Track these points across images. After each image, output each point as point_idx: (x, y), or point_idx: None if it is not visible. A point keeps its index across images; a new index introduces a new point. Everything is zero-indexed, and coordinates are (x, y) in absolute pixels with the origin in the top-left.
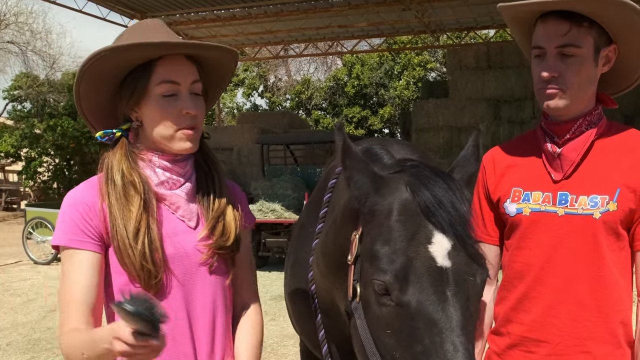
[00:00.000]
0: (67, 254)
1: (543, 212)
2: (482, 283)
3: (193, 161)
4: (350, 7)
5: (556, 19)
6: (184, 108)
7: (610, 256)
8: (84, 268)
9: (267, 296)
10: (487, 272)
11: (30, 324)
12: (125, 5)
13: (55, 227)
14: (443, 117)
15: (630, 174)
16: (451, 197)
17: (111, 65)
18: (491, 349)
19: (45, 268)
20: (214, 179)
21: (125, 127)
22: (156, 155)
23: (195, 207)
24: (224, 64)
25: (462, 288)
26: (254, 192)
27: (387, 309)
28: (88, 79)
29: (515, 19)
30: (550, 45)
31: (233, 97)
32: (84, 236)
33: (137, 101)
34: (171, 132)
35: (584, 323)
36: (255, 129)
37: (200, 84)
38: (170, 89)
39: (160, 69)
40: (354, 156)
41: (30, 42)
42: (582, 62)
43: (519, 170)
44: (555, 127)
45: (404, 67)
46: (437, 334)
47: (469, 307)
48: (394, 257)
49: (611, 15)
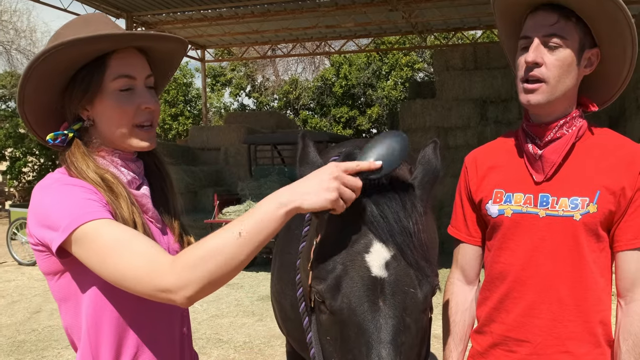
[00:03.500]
0: (94, 227)
1: (524, 214)
2: (426, 295)
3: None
4: (338, 8)
5: (545, 11)
6: (143, 103)
7: (591, 257)
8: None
9: (254, 297)
10: (432, 284)
11: (14, 326)
12: (110, 5)
13: (52, 214)
14: (430, 117)
15: (610, 176)
16: (396, 208)
17: (63, 62)
18: (474, 348)
19: (29, 269)
20: (165, 181)
21: (76, 127)
22: (116, 155)
23: (154, 208)
24: (173, 55)
25: (398, 299)
26: (241, 192)
27: (324, 315)
28: (36, 79)
29: (506, 13)
30: (537, 34)
31: (220, 97)
32: (102, 208)
33: (90, 99)
34: (128, 128)
35: (564, 323)
36: (243, 129)
37: (152, 77)
38: (127, 83)
39: (114, 64)
40: (310, 164)
41: (15, 41)
42: (566, 55)
43: (501, 171)
44: (537, 129)
45: (391, 67)
46: (364, 344)
47: (405, 319)
48: (330, 264)
49: (598, 10)
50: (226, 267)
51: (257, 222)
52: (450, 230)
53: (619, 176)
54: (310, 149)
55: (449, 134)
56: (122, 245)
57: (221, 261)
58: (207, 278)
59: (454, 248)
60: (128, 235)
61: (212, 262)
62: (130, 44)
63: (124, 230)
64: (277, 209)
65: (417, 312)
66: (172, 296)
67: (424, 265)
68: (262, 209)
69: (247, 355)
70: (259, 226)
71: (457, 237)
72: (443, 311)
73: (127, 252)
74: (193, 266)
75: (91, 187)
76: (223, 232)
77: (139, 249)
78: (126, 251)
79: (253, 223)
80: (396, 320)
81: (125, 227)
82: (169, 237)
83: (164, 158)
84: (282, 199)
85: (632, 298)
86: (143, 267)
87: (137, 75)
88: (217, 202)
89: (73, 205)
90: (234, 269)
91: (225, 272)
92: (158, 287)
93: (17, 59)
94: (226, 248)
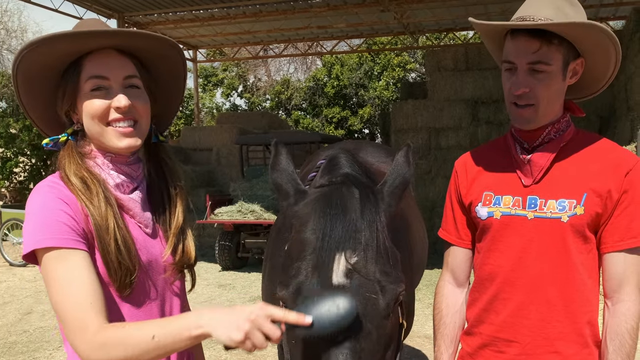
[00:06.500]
0: (57, 255)
1: (513, 216)
2: (388, 302)
3: (144, 166)
4: (329, 8)
5: (526, 37)
6: (113, 102)
7: (579, 258)
8: (86, 267)
9: (246, 297)
10: (395, 291)
11: (5, 327)
12: (102, 5)
13: (30, 229)
14: (422, 118)
15: (597, 179)
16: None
17: (38, 64)
18: (464, 349)
19: (20, 270)
20: (168, 186)
21: (69, 131)
22: (108, 158)
23: (149, 215)
24: (167, 58)
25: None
26: (233, 193)
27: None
28: (23, 84)
29: (486, 32)
30: (521, 62)
31: (212, 97)
32: (76, 235)
33: (70, 101)
34: (101, 127)
35: (552, 323)
36: (235, 129)
37: (138, 79)
38: (98, 83)
39: (88, 65)
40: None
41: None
42: (552, 78)
43: (490, 174)
44: (525, 134)
45: (383, 67)
46: (323, 349)
47: (366, 325)
48: (293, 271)
49: (580, 35)
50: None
51: (172, 333)
52: (440, 233)
53: (606, 179)
54: (282, 156)
55: (440, 134)
56: (66, 287)
57: (129, 353)
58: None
59: (445, 250)
60: (77, 279)
61: (121, 349)
62: (97, 43)
63: (78, 272)
64: (193, 329)
65: (378, 318)
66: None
67: (388, 272)
68: (181, 323)
69: (239, 355)
70: (172, 338)
71: (447, 240)
72: (434, 313)
73: (66, 296)
74: (105, 345)
75: (70, 202)
76: (144, 328)
77: (78, 299)
78: (66, 295)
79: (168, 332)
80: (356, 326)
81: (81, 269)
82: (160, 243)
83: (172, 160)
84: (200, 321)
85: (618, 299)
86: (72, 318)
87: (110, 75)
88: (209, 203)
89: (42, 225)
90: None
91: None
92: (73, 343)
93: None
94: (138, 344)
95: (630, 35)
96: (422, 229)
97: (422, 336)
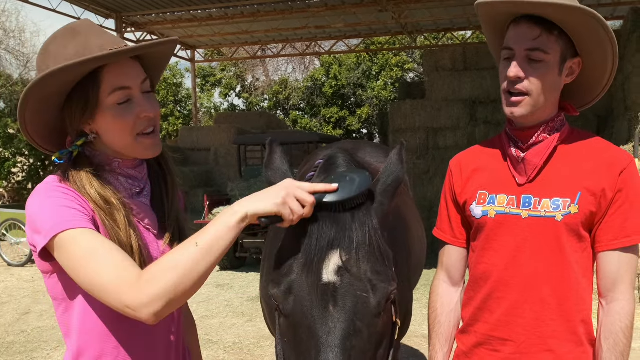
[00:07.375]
0: (73, 236)
1: (508, 215)
2: (379, 300)
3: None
4: (327, 8)
5: (529, 23)
6: (142, 112)
7: (573, 257)
8: (101, 236)
9: (244, 297)
10: (387, 290)
11: (3, 327)
12: (100, 5)
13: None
14: (420, 118)
15: (591, 177)
16: (349, 218)
17: (56, 85)
18: (459, 348)
19: (18, 270)
20: (167, 183)
21: (80, 143)
22: (116, 163)
23: (155, 216)
24: (166, 53)
25: (348, 304)
26: (231, 193)
27: (281, 318)
28: (33, 103)
29: (490, 20)
30: (520, 48)
31: (210, 97)
32: (81, 217)
33: (90, 115)
34: (131, 139)
35: (547, 322)
36: (233, 129)
37: (148, 80)
38: (124, 95)
39: (108, 77)
40: (275, 170)
41: (3, 41)
42: (548, 68)
43: (485, 174)
44: (519, 133)
45: (381, 67)
46: (314, 347)
47: (356, 323)
48: (285, 269)
49: (580, 25)
50: (186, 279)
51: (212, 232)
52: (435, 232)
53: (600, 178)
54: (276, 155)
55: (438, 134)
56: (95, 256)
57: (180, 273)
58: (168, 291)
59: (440, 250)
60: (102, 247)
61: (172, 274)
62: (118, 58)
63: (100, 241)
64: (230, 218)
65: (369, 316)
66: (136, 313)
67: (379, 270)
68: (217, 220)
69: (237, 355)
70: (215, 236)
71: (442, 239)
72: (429, 312)
73: (98, 263)
74: (153, 279)
75: (75, 194)
76: (182, 246)
77: (110, 261)
78: (98, 263)
79: (209, 234)
80: (346, 324)
81: (102, 239)
82: (159, 243)
83: (169, 156)
84: (235, 208)
85: (613, 298)
86: (111, 280)
87: (132, 84)
88: (207, 203)
89: (54, 212)
90: (195, 281)
91: (186, 284)
92: (123, 302)
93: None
94: (184, 260)
95: (628, 36)
96: (420, 228)
97: (419, 336)
